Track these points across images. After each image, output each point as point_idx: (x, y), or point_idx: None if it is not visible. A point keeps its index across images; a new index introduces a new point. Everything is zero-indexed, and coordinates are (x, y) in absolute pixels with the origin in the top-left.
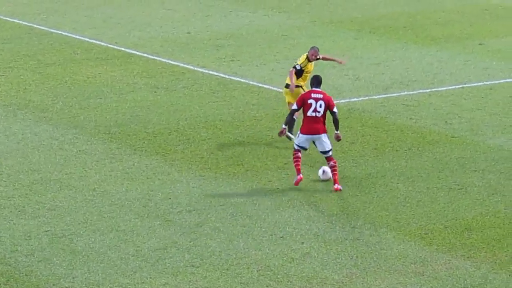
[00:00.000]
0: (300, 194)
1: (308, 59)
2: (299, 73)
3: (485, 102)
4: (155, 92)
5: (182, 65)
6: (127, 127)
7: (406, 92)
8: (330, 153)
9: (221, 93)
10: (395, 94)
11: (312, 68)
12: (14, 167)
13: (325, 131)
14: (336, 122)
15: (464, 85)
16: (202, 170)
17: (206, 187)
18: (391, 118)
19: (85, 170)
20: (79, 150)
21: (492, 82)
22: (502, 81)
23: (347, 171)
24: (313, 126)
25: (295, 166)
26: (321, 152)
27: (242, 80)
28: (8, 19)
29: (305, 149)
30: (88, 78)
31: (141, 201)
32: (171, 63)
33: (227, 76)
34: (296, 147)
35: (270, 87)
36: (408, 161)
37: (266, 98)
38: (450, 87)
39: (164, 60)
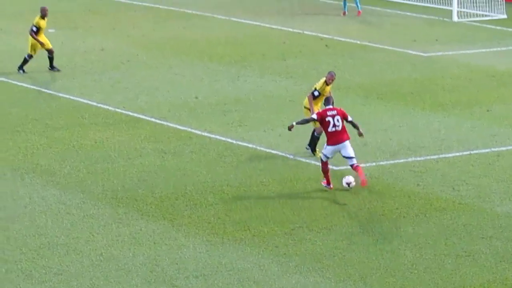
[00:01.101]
0: (307, 259)
1: (326, 83)
2: (317, 97)
3: (493, 169)
4: (162, 156)
5: (189, 129)
6: (134, 191)
7: (413, 158)
8: (355, 160)
9: (228, 158)
10: (402, 160)
11: (328, 90)
12: (21, 231)
13: (348, 138)
14: (355, 126)
15: (472, 152)
16: (209, 235)
17: (213, 252)
18: (398, 184)
19: (92, 235)
20: (86, 215)
21: (500, 149)
22: (509, 147)
23: (354, 237)
24: (337, 137)
25: (326, 176)
26: (347, 157)
27: (249, 145)
28: (16, 83)
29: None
30: (95, 142)
31: (148, 266)
32: (179, 128)
33: (234, 141)
34: (324, 159)
35: (278, 152)
36: (415, 227)
37: (274, 163)
38: (458, 154)
39: (171, 124)
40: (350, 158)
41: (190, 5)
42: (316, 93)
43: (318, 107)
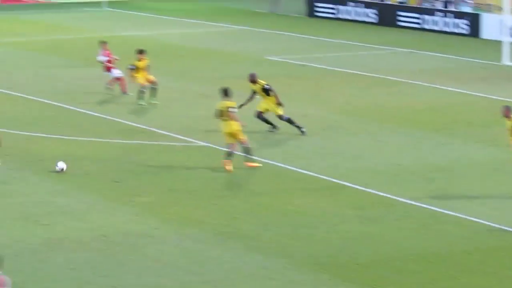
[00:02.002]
0: None
1: None
2: None
3: None
4: (365, 223)
5: (392, 196)
6: (337, 258)
7: None
8: None
9: (432, 226)
10: None
11: None
12: None
13: None
14: None
15: None
16: None
17: None
18: None
19: None
20: (289, 280)
21: None
22: None
23: None
24: None
25: None
26: None
27: (453, 214)
28: (220, 148)
29: None
30: (298, 208)
31: None
32: (381, 195)
33: (438, 209)
34: None
35: (482, 221)
36: None
37: (477, 232)
38: None
39: (374, 191)
40: None
41: (393, 72)
42: None
43: None
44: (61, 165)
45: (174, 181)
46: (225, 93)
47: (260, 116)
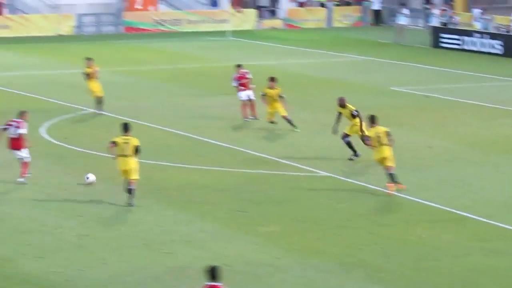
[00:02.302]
0: None
1: None
2: None
3: None
4: (490, 256)
5: None
6: None
7: None
8: None
9: None
10: None
11: None
12: None
13: None
14: None
15: None
16: None
17: None
18: None
19: None
20: None
21: None
22: None
23: None
24: None
25: None
26: None
27: None
28: (343, 178)
29: None
30: (420, 239)
31: None
32: (506, 227)
33: None
34: None
35: None
36: None
37: None
38: None
39: (499, 224)
40: None
41: None
42: None
43: None
44: (92, 177)
45: (297, 211)
46: (372, 120)
47: (345, 138)
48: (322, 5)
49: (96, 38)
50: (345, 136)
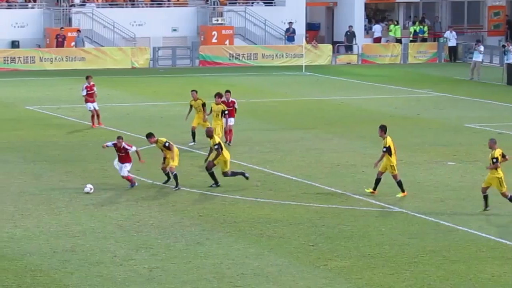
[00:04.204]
0: None
1: None
2: None
3: None
4: None
5: None
6: None
7: None
8: None
9: None
10: None
11: None
12: None
13: None
14: None
15: None
16: None
17: None
18: None
19: None
20: None
21: None
22: None
23: None
24: None
25: None
26: None
27: None
28: (415, 214)
29: None
30: (492, 276)
31: None
32: None
33: None
34: None
35: None
36: None
37: None
38: None
39: None
40: None
41: None
42: None
43: None
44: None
45: (368, 246)
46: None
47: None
48: (398, 41)
49: (171, 71)
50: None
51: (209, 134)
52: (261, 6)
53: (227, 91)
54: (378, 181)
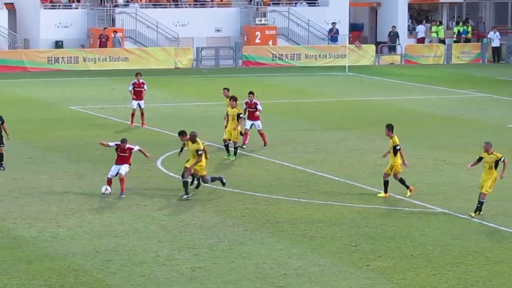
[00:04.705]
0: None
1: None
2: None
3: None
4: None
5: None
6: None
7: None
8: None
9: None
10: None
11: None
12: None
13: None
14: None
15: None
16: None
17: None
18: None
19: None
20: None
21: None
22: None
23: None
24: None
25: None
26: None
27: None
28: (458, 215)
29: None
30: None
31: None
32: None
33: None
34: None
35: None
36: None
37: None
38: None
39: None
40: None
41: None
42: None
43: None
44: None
45: (411, 247)
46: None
47: None
48: (441, 41)
49: (214, 71)
50: None
51: (193, 139)
52: (304, 7)
53: (251, 93)
54: (387, 183)
